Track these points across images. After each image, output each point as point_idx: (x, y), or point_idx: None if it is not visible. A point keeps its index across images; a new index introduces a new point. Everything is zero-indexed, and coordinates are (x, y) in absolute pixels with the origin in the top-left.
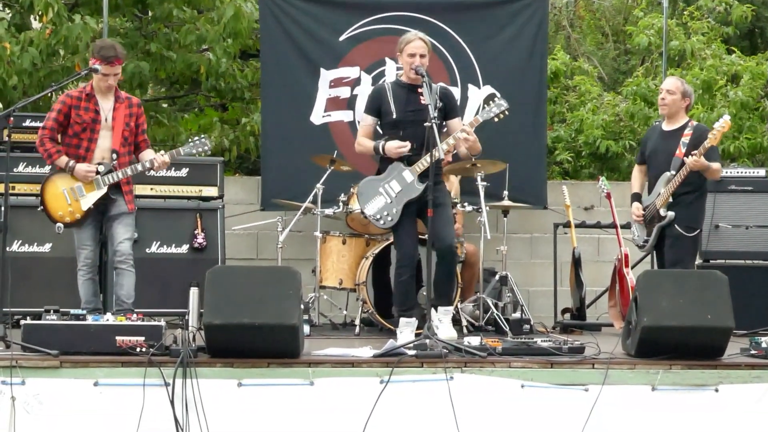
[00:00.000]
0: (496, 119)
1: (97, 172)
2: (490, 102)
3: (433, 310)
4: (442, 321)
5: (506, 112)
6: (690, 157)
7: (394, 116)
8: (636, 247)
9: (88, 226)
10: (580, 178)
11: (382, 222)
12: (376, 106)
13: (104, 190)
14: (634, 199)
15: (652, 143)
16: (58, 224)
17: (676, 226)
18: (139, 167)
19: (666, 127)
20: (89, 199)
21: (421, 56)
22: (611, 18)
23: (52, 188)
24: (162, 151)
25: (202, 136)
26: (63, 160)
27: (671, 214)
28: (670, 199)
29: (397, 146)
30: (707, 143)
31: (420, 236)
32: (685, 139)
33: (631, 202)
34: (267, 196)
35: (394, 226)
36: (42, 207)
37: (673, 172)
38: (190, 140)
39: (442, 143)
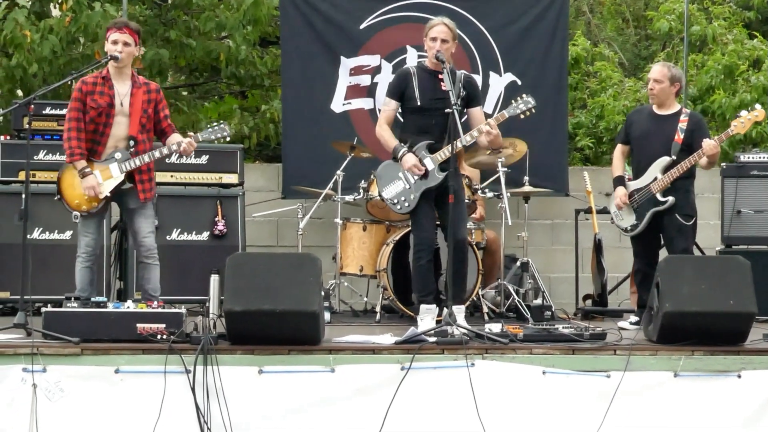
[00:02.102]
0: (522, 116)
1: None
2: (518, 98)
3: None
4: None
5: (533, 110)
6: (706, 142)
7: (418, 103)
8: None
9: (95, 215)
10: (602, 164)
11: (399, 207)
12: (400, 90)
13: (121, 177)
14: (619, 183)
15: (642, 126)
16: (75, 213)
17: (676, 215)
18: (161, 152)
19: (658, 111)
20: (106, 186)
21: (443, 41)
22: (632, 3)
23: (68, 177)
24: (188, 137)
25: (222, 122)
26: (80, 164)
27: (671, 199)
28: (668, 185)
29: (413, 164)
30: (732, 131)
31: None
32: (682, 125)
33: (614, 186)
34: (287, 183)
35: (413, 210)
36: (59, 196)
37: (674, 157)
38: (209, 126)
39: (465, 135)
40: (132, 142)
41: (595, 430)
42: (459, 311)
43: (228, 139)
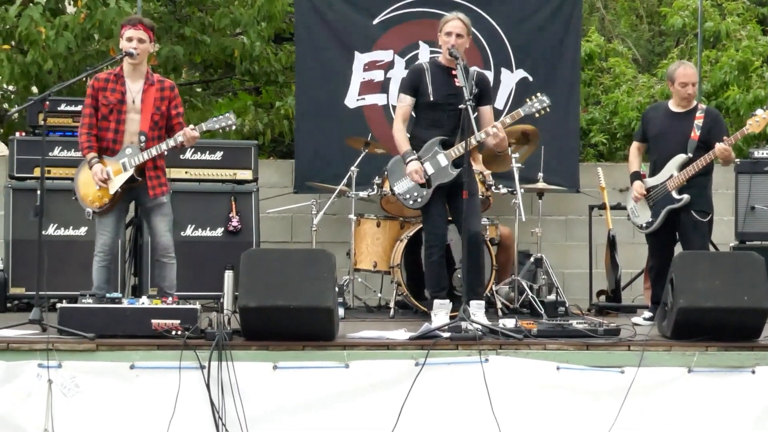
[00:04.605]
0: (537, 115)
1: (108, 177)
2: (533, 97)
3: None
4: (476, 315)
5: (548, 109)
6: (720, 143)
7: (431, 98)
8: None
9: (111, 213)
10: (615, 160)
11: (411, 202)
12: (414, 86)
13: (130, 172)
14: (635, 178)
15: (659, 123)
16: (88, 209)
17: (692, 212)
18: (167, 144)
19: (675, 108)
20: (116, 182)
21: (458, 36)
22: None
23: (83, 174)
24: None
25: (229, 112)
26: (89, 156)
27: (686, 197)
28: (684, 183)
29: (415, 171)
30: (747, 129)
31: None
32: (698, 122)
33: (631, 181)
34: (301, 179)
35: (424, 206)
36: (75, 194)
37: (690, 155)
38: (214, 116)
39: (478, 132)
40: (142, 138)
41: (609, 425)
42: (479, 306)
43: (234, 128)
